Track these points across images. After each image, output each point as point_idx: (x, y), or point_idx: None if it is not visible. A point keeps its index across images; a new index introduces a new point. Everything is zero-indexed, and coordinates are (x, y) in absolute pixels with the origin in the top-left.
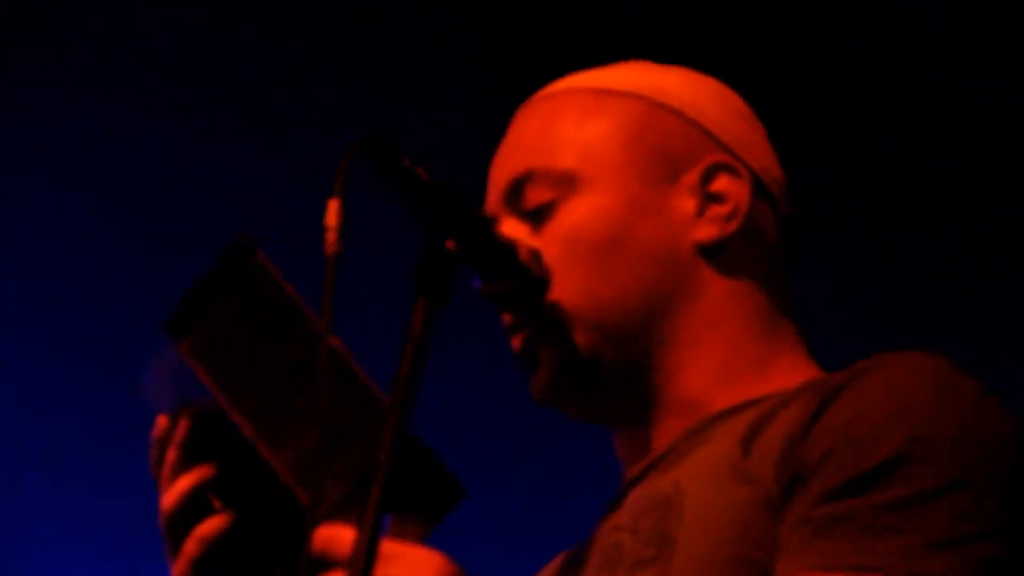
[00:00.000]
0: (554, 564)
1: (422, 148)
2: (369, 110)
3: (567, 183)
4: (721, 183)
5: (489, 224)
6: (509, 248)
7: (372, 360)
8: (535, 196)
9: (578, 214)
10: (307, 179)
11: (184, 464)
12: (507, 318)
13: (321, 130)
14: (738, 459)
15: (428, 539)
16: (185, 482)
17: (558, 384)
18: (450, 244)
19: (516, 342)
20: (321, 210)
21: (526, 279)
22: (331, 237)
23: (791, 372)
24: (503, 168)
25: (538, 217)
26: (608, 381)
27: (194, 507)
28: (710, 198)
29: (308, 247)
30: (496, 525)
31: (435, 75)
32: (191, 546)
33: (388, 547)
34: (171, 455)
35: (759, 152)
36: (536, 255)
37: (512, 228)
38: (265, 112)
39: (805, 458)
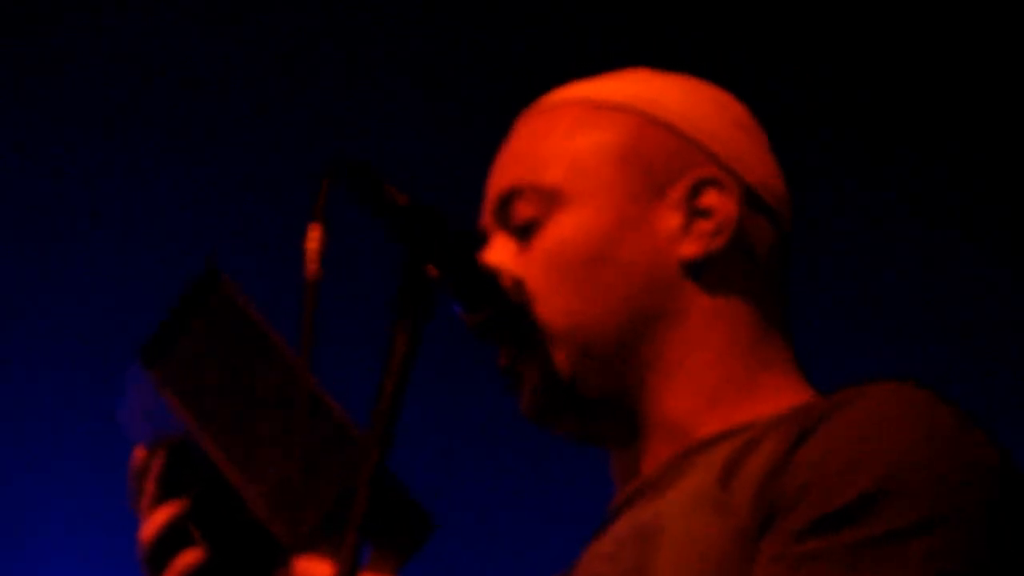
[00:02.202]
0: None
1: (416, 161)
2: (355, 124)
3: (553, 199)
4: (708, 198)
5: (470, 250)
6: (489, 276)
7: (348, 387)
8: (522, 211)
9: (562, 231)
10: (283, 200)
11: (161, 496)
12: (491, 342)
13: (298, 148)
14: (717, 491)
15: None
16: (163, 515)
17: (541, 403)
18: (432, 271)
19: (502, 360)
20: (298, 232)
21: (505, 308)
22: (311, 262)
23: (779, 395)
24: (495, 183)
25: (525, 233)
26: (591, 402)
27: (172, 539)
28: (697, 213)
29: (284, 270)
30: (483, 549)
31: (429, 86)
32: None
33: None
34: (149, 487)
35: (756, 164)
36: (518, 283)
37: (501, 245)
38: (243, 129)
39: (781, 492)
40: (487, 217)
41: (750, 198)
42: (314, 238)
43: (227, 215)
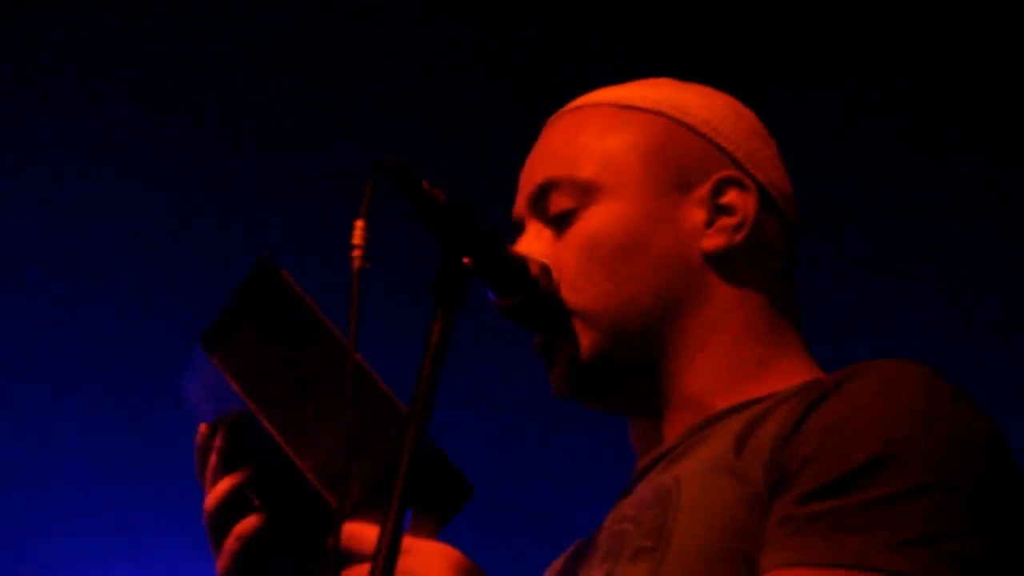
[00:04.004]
0: (570, 550)
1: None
2: (396, 127)
3: (588, 192)
4: (730, 196)
5: (501, 242)
6: (520, 263)
7: (391, 366)
8: (558, 203)
9: (596, 222)
10: (331, 196)
11: (223, 469)
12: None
13: (345, 148)
14: (732, 458)
15: (441, 535)
16: (225, 485)
17: (573, 380)
18: (466, 260)
19: (537, 340)
20: (344, 228)
21: (534, 293)
22: (357, 254)
23: (791, 373)
24: (530, 175)
25: (560, 223)
26: (619, 378)
27: (233, 507)
28: (719, 210)
29: (332, 262)
30: (515, 517)
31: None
32: (231, 543)
33: (407, 541)
34: (212, 461)
35: (769, 167)
36: (545, 269)
37: (536, 233)
38: (292, 136)
39: (791, 459)
40: (522, 208)
41: (764, 198)
42: (359, 232)
43: (282, 213)
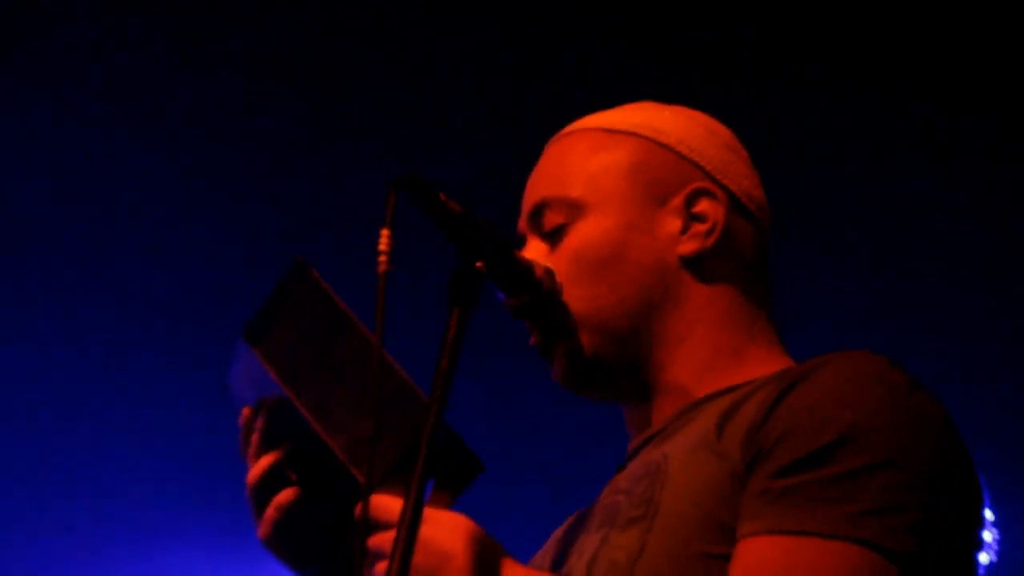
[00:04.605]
0: (569, 520)
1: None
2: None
3: (576, 209)
4: (702, 205)
5: (510, 248)
6: (527, 267)
7: (412, 358)
8: (551, 220)
9: (584, 235)
10: (356, 209)
11: (263, 447)
12: (527, 322)
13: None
14: (713, 438)
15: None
16: (265, 461)
17: (571, 375)
18: (479, 264)
19: (533, 339)
20: (372, 234)
21: (539, 293)
22: (383, 259)
23: (765, 362)
24: (529, 195)
25: (554, 237)
26: (610, 372)
27: (272, 480)
28: (693, 218)
29: (361, 265)
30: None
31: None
32: (271, 512)
33: (426, 512)
34: (254, 440)
35: (740, 177)
36: (549, 272)
37: (534, 247)
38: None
39: (765, 439)
40: (523, 224)
41: (735, 205)
42: (385, 240)
43: (315, 221)
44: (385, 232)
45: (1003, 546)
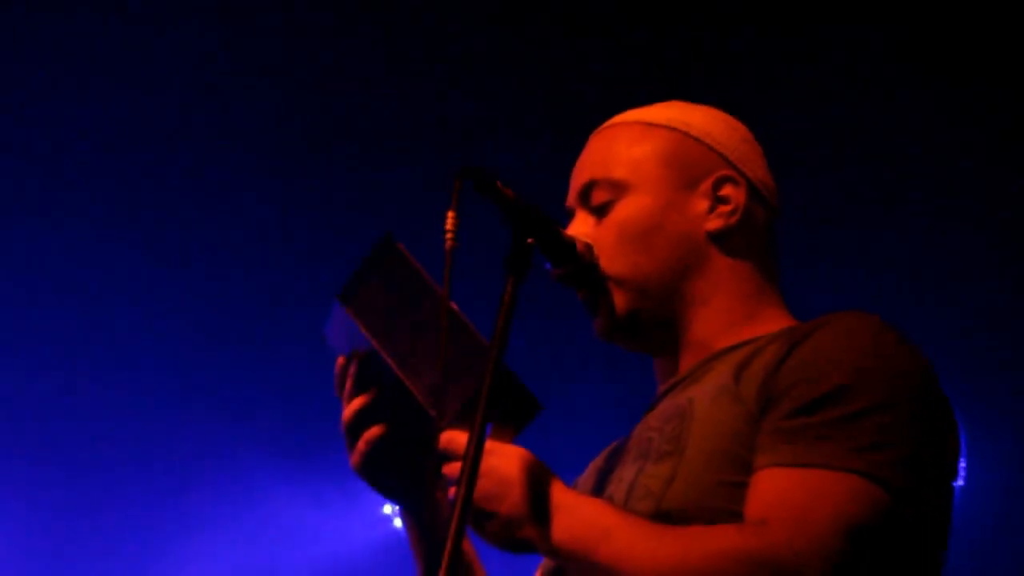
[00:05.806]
0: (607, 450)
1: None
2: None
3: (620, 188)
4: (726, 189)
5: (556, 226)
6: (570, 243)
7: (478, 317)
8: (598, 196)
9: (627, 210)
10: (429, 197)
11: (356, 390)
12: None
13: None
14: (732, 385)
15: (517, 441)
16: (357, 403)
17: (610, 328)
18: (530, 240)
19: (581, 295)
20: (441, 216)
21: (580, 264)
22: (449, 237)
23: (775, 321)
24: (578, 176)
25: (601, 212)
26: (644, 325)
27: (363, 418)
28: (718, 200)
29: (434, 241)
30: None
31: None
32: (361, 445)
33: (489, 445)
34: (348, 385)
35: (756, 167)
36: (589, 247)
37: (582, 219)
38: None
39: (776, 386)
40: (572, 200)
41: (753, 191)
42: (451, 221)
43: (398, 203)
44: (451, 214)
45: (969, 471)
